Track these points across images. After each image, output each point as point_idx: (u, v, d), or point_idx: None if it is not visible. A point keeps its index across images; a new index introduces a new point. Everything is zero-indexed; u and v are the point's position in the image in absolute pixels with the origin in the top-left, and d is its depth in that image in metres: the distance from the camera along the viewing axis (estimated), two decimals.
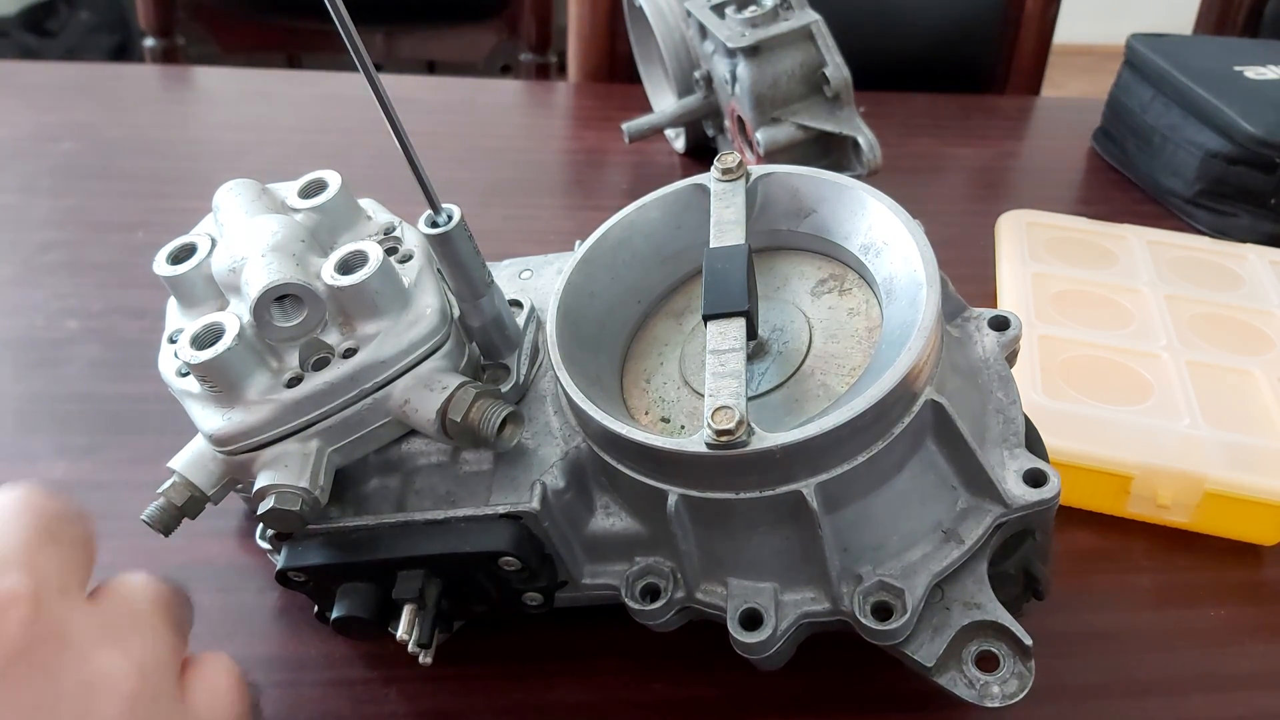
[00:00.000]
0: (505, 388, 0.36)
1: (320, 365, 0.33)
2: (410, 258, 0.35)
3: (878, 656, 0.33)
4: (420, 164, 0.30)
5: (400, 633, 0.34)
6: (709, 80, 0.73)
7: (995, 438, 0.33)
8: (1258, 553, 0.46)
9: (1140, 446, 0.46)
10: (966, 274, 0.60)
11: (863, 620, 0.31)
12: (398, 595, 0.34)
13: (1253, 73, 0.77)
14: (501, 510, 0.33)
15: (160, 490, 0.33)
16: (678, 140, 0.82)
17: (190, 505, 0.34)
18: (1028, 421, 0.34)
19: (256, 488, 0.32)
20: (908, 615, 0.30)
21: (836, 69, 0.65)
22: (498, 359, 0.37)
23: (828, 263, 0.38)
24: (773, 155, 0.66)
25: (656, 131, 0.78)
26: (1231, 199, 0.72)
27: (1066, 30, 1.23)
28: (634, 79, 0.89)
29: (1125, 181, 0.82)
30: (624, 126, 0.77)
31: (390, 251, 0.35)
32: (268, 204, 0.36)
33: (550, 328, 0.35)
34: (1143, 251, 0.64)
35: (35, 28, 2.20)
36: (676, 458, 0.30)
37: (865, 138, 0.65)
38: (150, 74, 1.05)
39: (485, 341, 0.36)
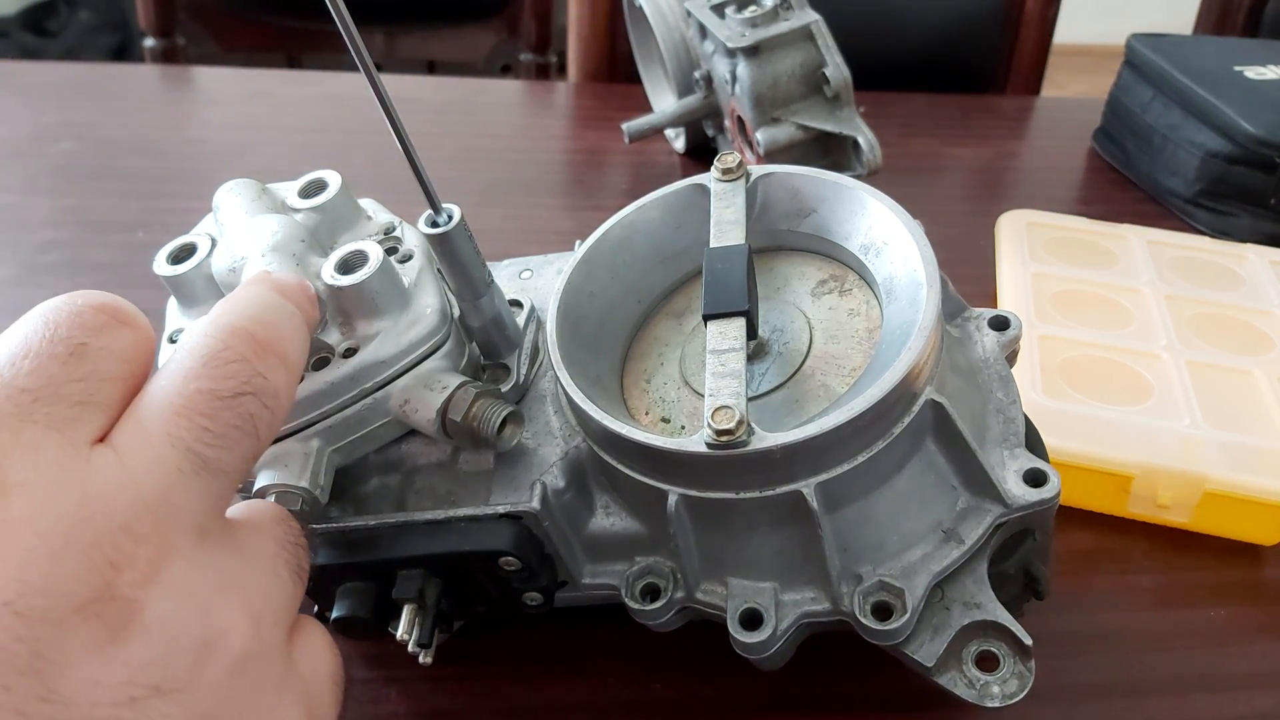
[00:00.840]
0: (505, 388, 0.36)
1: (320, 365, 0.33)
2: (410, 258, 0.35)
3: (878, 656, 0.33)
4: (421, 164, 0.30)
5: (400, 633, 0.34)
6: (709, 80, 0.73)
7: (995, 438, 0.33)
8: (1258, 553, 0.46)
9: (1140, 446, 0.46)
10: (966, 274, 0.59)
11: (863, 620, 0.31)
12: (398, 595, 0.34)
13: (1253, 73, 0.77)
14: (501, 510, 0.33)
15: None
16: (678, 140, 0.82)
17: None
18: (1028, 421, 0.34)
19: (256, 488, 0.32)
20: (908, 615, 0.30)
21: (836, 69, 0.65)
22: (498, 359, 0.37)
23: (828, 263, 0.38)
24: (773, 155, 0.66)
25: (656, 131, 0.78)
26: (1231, 199, 0.72)
27: (1066, 30, 1.23)
28: (634, 79, 0.89)
29: (1125, 181, 0.82)
30: (624, 126, 0.77)
31: (390, 251, 0.35)
32: (268, 204, 0.36)
33: (550, 328, 0.35)
34: (1143, 251, 0.64)
35: (35, 28, 2.20)
36: (677, 458, 0.30)
37: (865, 138, 0.65)
38: (150, 74, 1.06)
39: (485, 341, 0.36)
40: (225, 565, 0.23)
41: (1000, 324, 0.36)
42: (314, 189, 0.36)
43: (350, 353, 0.33)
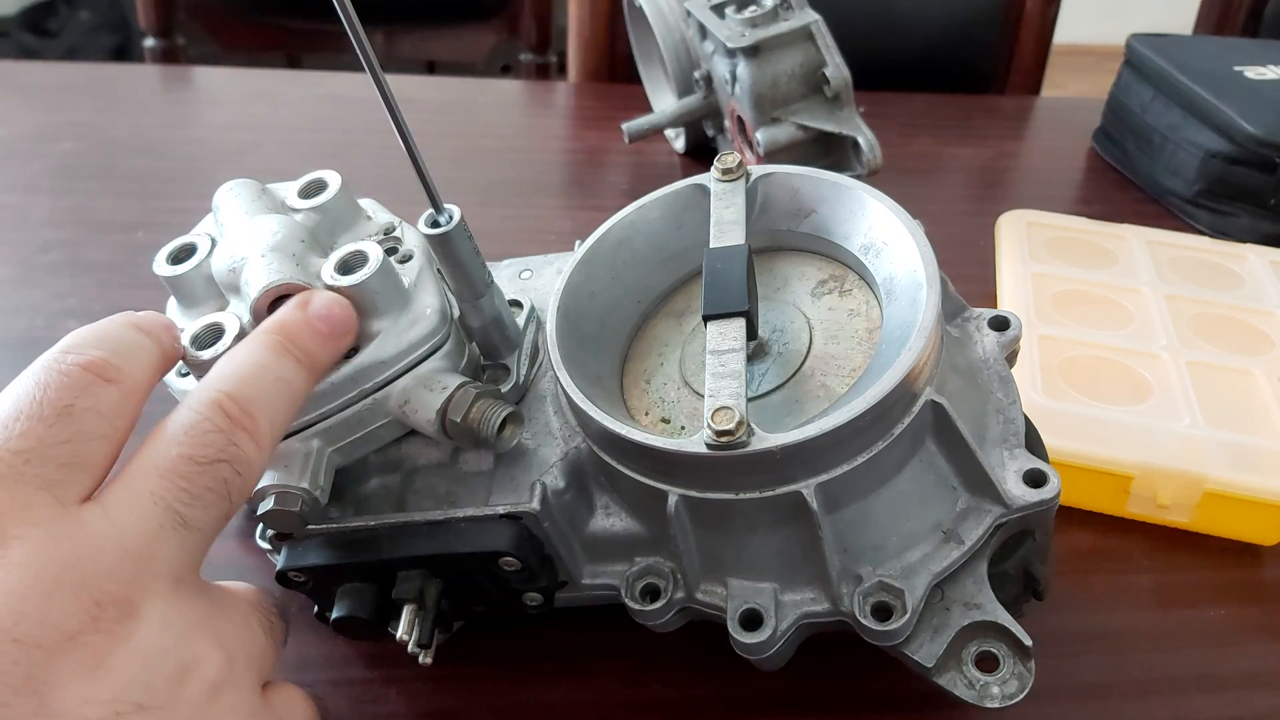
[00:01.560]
0: (505, 388, 0.36)
1: None
2: (410, 258, 0.35)
3: (878, 656, 0.33)
4: (424, 163, 0.30)
5: (400, 633, 0.34)
6: (709, 80, 0.73)
7: (995, 438, 0.33)
8: (1258, 553, 0.46)
9: (1140, 446, 0.46)
10: (966, 274, 0.60)
11: (863, 621, 0.31)
12: (398, 595, 0.34)
13: (1253, 73, 0.77)
14: (501, 510, 0.33)
15: None
16: (678, 140, 0.82)
17: None
18: (1028, 421, 0.34)
19: (257, 488, 0.32)
20: (908, 616, 0.30)
21: (836, 69, 0.65)
22: (498, 359, 0.37)
23: (828, 263, 0.38)
24: (773, 155, 0.66)
25: (656, 131, 0.78)
26: (1231, 199, 0.72)
27: (1066, 30, 1.23)
28: (634, 79, 0.89)
29: (1125, 181, 0.82)
30: (624, 126, 0.77)
31: (390, 251, 0.35)
32: (268, 204, 0.35)
33: (550, 328, 0.35)
34: (1143, 251, 0.64)
35: (35, 28, 2.20)
36: (676, 458, 0.30)
37: (865, 138, 0.65)
38: (150, 74, 1.06)
39: (485, 341, 0.36)
40: (200, 609, 0.26)
41: (1000, 324, 0.36)
42: (314, 189, 0.36)
43: (350, 353, 0.33)
